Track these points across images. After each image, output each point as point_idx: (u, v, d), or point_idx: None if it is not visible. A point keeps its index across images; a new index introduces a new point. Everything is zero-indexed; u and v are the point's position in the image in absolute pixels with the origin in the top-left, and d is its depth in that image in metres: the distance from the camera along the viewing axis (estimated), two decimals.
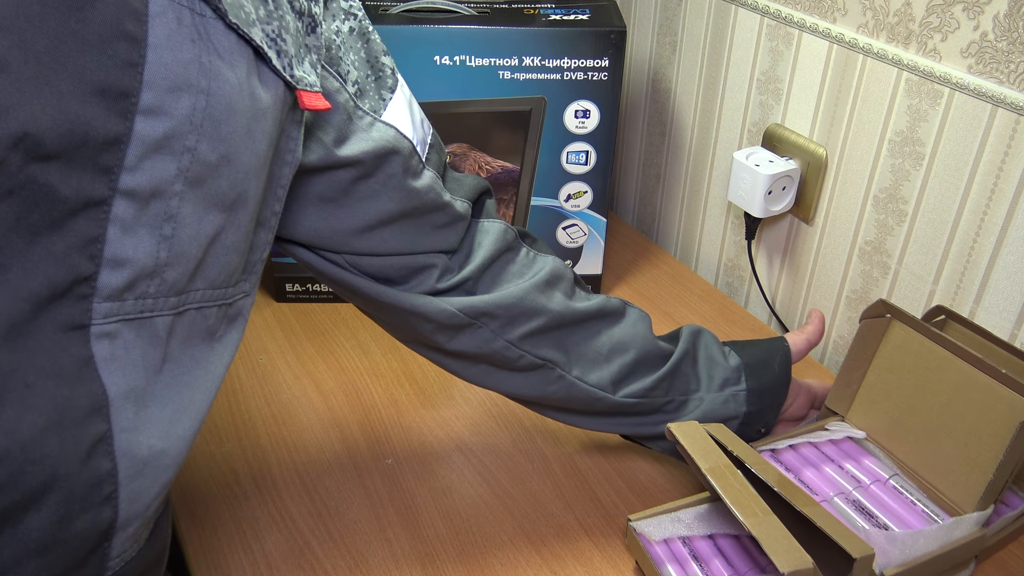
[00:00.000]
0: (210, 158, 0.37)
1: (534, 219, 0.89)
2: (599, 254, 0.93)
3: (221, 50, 0.37)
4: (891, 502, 0.64)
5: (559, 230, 0.90)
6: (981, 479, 0.60)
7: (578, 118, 0.83)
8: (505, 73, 0.80)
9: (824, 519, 0.53)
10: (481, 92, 0.81)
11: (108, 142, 0.34)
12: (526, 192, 0.88)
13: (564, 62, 0.80)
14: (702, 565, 0.59)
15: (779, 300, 0.94)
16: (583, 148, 0.85)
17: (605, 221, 0.90)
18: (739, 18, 0.88)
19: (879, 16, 0.74)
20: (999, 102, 0.66)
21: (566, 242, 0.91)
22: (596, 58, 0.80)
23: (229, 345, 0.44)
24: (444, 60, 0.79)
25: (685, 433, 0.60)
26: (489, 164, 0.85)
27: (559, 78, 0.81)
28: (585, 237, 0.91)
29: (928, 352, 0.64)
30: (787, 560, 0.49)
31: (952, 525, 0.59)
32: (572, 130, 0.84)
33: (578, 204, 0.89)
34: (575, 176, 0.87)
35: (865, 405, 0.69)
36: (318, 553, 0.64)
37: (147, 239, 0.36)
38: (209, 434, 0.75)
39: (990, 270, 0.70)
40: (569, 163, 0.86)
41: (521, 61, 0.80)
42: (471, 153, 0.85)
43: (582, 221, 0.90)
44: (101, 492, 0.37)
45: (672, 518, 0.62)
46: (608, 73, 0.81)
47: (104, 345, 0.36)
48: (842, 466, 0.67)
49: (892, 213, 0.78)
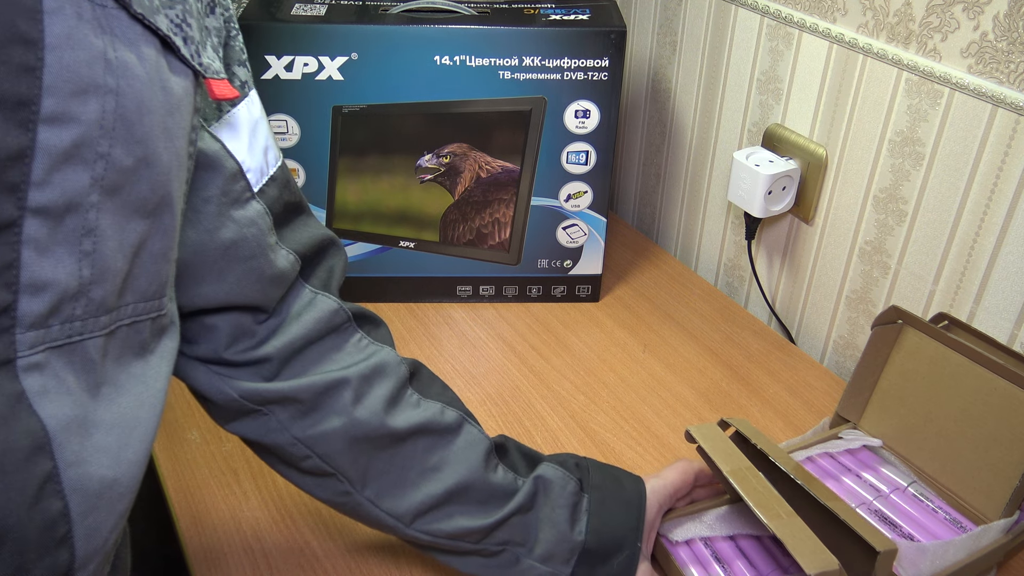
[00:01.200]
0: (126, 162, 0.34)
1: (534, 219, 0.89)
2: (599, 254, 0.92)
3: (127, 43, 0.34)
4: (913, 511, 0.63)
5: (559, 230, 0.90)
6: (1005, 485, 0.60)
7: (578, 118, 0.83)
8: (505, 73, 0.80)
9: (848, 513, 0.53)
10: (481, 92, 0.81)
11: (10, 157, 0.31)
12: (526, 192, 0.87)
13: (564, 62, 0.80)
14: (724, 566, 0.59)
15: (779, 300, 0.94)
16: (583, 148, 0.85)
17: (605, 221, 0.90)
18: (739, 18, 0.88)
19: (879, 16, 0.74)
20: (999, 102, 0.66)
21: (566, 242, 0.91)
22: (596, 58, 0.80)
23: (166, 356, 0.41)
24: (444, 60, 0.79)
25: (705, 436, 0.60)
26: (489, 164, 0.85)
27: (559, 78, 0.81)
28: (585, 237, 0.91)
29: (943, 358, 0.64)
30: (813, 561, 0.49)
31: (980, 533, 0.59)
32: (572, 130, 0.84)
33: (578, 204, 0.89)
34: (575, 176, 0.87)
35: (878, 412, 0.69)
36: (318, 553, 0.64)
37: (66, 258, 0.33)
38: (209, 434, 0.75)
39: (990, 270, 0.70)
40: (569, 163, 0.86)
41: (521, 61, 0.80)
42: (471, 153, 0.85)
43: (582, 221, 0.90)
44: (55, 534, 0.34)
45: (694, 519, 0.62)
46: (608, 73, 0.81)
47: (35, 377, 0.33)
48: (860, 475, 0.67)
49: (892, 213, 0.78)
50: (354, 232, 0.89)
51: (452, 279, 0.93)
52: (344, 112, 0.82)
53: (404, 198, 0.87)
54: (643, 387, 0.82)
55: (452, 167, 0.85)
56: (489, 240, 0.90)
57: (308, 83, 0.80)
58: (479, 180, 0.86)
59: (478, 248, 0.91)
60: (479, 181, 0.86)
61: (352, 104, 0.81)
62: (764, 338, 0.90)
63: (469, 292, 0.93)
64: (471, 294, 0.94)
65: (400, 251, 0.91)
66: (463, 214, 0.88)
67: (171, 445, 0.73)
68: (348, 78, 0.80)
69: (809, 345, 0.92)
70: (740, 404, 0.80)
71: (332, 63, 0.79)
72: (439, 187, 0.87)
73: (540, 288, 0.93)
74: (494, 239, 0.90)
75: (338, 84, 0.80)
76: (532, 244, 0.91)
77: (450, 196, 0.87)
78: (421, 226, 0.89)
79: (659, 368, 0.85)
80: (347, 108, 0.82)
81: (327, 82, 0.80)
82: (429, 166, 0.85)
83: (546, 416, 0.78)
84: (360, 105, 0.81)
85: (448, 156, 0.85)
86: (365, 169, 0.85)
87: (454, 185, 0.87)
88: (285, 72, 0.79)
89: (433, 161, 0.85)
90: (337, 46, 0.78)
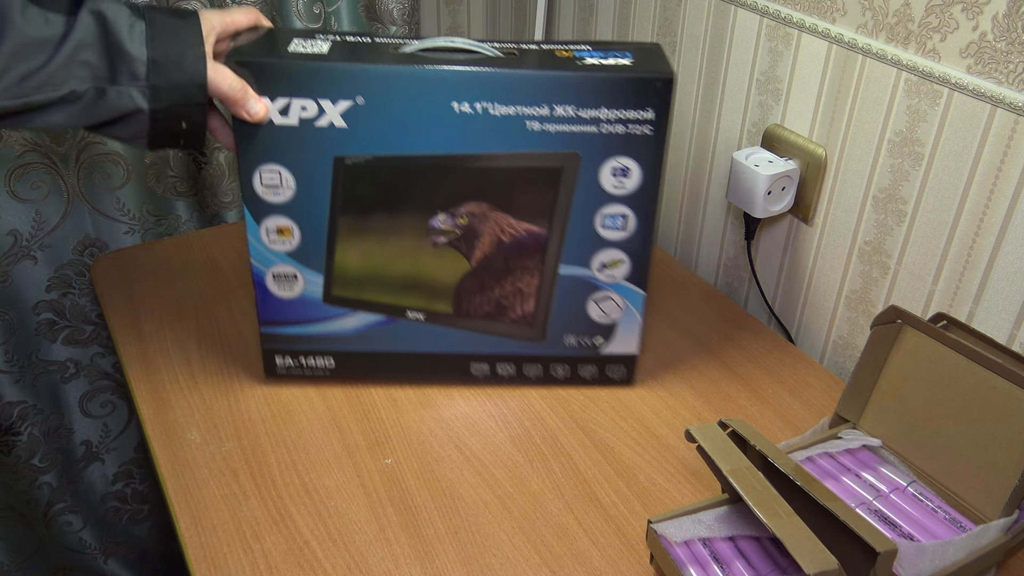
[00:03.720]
0: None
1: (562, 290, 0.77)
2: (635, 333, 0.79)
3: None
4: (912, 511, 0.64)
5: (590, 302, 0.77)
6: (1004, 485, 0.60)
7: (616, 177, 0.72)
8: (533, 123, 0.69)
9: (847, 513, 0.53)
10: (505, 145, 0.70)
11: None
12: (553, 259, 0.75)
13: (601, 112, 0.69)
14: (723, 567, 0.59)
15: (778, 300, 0.95)
16: (621, 211, 0.73)
17: (644, 295, 0.77)
18: (738, 18, 0.88)
19: (878, 16, 0.74)
20: (998, 102, 0.66)
21: (598, 316, 0.78)
22: (638, 109, 0.69)
23: None
24: (463, 107, 0.68)
25: (705, 436, 0.60)
26: (512, 227, 0.74)
27: (595, 131, 0.70)
28: (620, 313, 0.78)
29: (942, 357, 0.64)
30: (812, 561, 0.49)
31: (979, 533, 0.59)
32: (609, 190, 0.72)
33: (613, 275, 0.76)
34: (610, 243, 0.75)
35: (878, 412, 0.69)
36: (318, 553, 0.64)
37: None
38: (209, 434, 0.75)
39: (989, 270, 0.70)
40: (604, 228, 0.74)
41: (552, 110, 0.69)
42: (492, 214, 0.73)
43: (617, 294, 0.77)
44: None
45: (693, 519, 0.62)
46: (652, 127, 0.69)
47: None
48: (860, 475, 0.67)
49: (891, 213, 0.78)
50: (356, 300, 0.77)
51: (466, 356, 0.80)
52: (347, 164, 0.71)
53: (414, 263, 0.75)
54: (643, 387, 0.82)
55: (470, 229, 0.74)
56: (510, 313, 0.78)
57: (306, 130, 0.69)
58: (500, 245, 0.75)
59: (497, 322, 0.78)
60: (500, 246, 0.75)
61: (356, 155, 0.70)
62: (763, 338, 0.90)
63: (486, 371, 0.81)
64: (488, 373, 0.81)
65: (408, 323, 0.78)
66: (481, 283, 0.76)
67: (171, 445, 0.73)
68: (352, 125, 0.69)
69: (808, 345, 0.92)
70: (739, 404, 0.80)
71: (334, 108, 0.68)
72: (454, 252, 0.75)
73: (567, 368, 0.81)
74: (516, 312, 0.78)
75: (340, 132, 0.69)
76: (559, 318, 0.78)
77: (466, 262, 0.75)
78: (433, 295, 0.77)
79: (659, 368, 0.85)
80: (350, 159, 0.70)
81: (328, 129, 0.69)
82: (443, 228, 0.74)
83: (545, 416, 0.78)
84: (365, 156, 0.70)
85: (465, 217, 0.73)
86: (370, 229, 0.74)
87: (471, 250, 0.75)
88: (280, 117, 0.68)
89: (448, 222, 0.73)
90: (340, 88, 0.67)
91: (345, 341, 0.78)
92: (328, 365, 0.80)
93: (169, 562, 1.35)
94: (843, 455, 0.69)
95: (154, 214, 1.11)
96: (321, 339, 0.78)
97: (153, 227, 1.11)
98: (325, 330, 0.78)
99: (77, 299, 1.10)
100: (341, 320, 0.77)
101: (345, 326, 0.78)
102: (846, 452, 0.69)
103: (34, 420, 1.12)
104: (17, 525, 1.16)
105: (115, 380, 1.18)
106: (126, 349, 0.86)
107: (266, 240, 0.73)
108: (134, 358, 0.84)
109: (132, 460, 1.24)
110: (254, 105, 0.66)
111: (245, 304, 0.93)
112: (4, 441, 1.10)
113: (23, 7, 0.57)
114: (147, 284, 0.97)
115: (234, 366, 0.83)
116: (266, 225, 0.72)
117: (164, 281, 0.97)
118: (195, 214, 1.15)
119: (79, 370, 1.14)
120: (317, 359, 0.80)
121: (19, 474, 1.13)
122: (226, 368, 0.83)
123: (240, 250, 1.04)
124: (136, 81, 0.60)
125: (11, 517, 1.15)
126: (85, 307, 1.11)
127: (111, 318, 0.91)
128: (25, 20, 0.57)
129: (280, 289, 0.75)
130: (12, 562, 1.18)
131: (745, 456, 0.58)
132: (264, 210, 0.72)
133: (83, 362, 1.14)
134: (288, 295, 0.76)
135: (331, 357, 0.79)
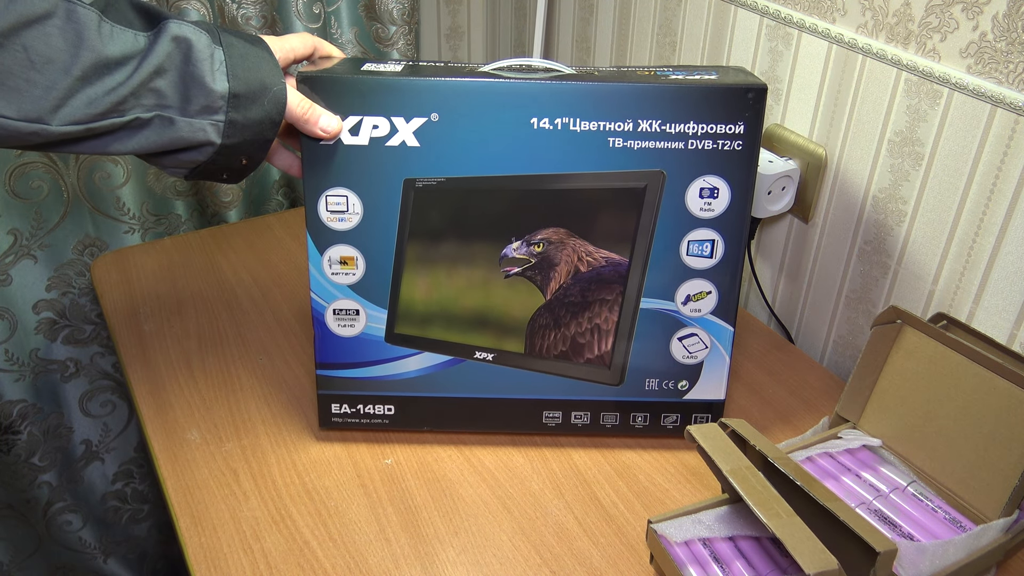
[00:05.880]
0: None
1: (643, 325, 0.70)
2: (723, 375, 0.72)
3: None
4: (912, 510, 0.64)
5: (674, 341, 0.71)
6: (1004, 484, 0.60)
7: (704, 198, 0.66)
8: (616, 140, 0.64)
9: (847, 513, 0.53)
10: (586, 164, 0.65)
11: None
12: (635, 291, 0.69)
13: (689, 127, 0.64)
14: (723, 567, 0.59)
15: (778, 300, 0.95)
16: (708, 236, 0.68)
17: (732, 331, 0.71)
18: (738, 18, 0.88)
19: (878, 16, 0.74)
20: (998, 102, 0.66)
21: (682, 356, 0.71)
22: (729, 123, 0.64)
23: None
24: (543, 123, 0.64)
25: (705, 435, 0.60)
26: (591, 255, 0.68)
27: (682, 147, 0.65)
28: (706, 351, 0.71)
29: (942, 357, 0.64)
30: (812, 561, 0.49)
31: (979, 533, 0.59)
32: (696, 213, 0.67)
33: (699, 308, 0.70)
34: (697, 272, 0.69)
35: (878, 412, 0.69)
36: (318, 553, 0.64)
37: None
38: (209, 434, 0.75)
39: (989, 270, 0.71)
40: (690, 255, 0.68)
41: (636, 126, 0.64)
42: (569, 240, 0.68)
43: (703, 330, 0.71)
44: None
45: (693, 519, 0.62)
46: (743, 142, 0.64)
47: None
48: (860, 475, 0.67)
49: (891, 213, 0.78)
50: (420, 339, 0.71)
51: (538, 402, 0.73)
52: (418, 187, 0.66)
53: (484, 296, 0.69)
54: None
55: (546, 258, 0.68)
56: (587, 352, 0.71)
57: (377, 150, 0.65)
58: (578, 275, 0.69)
59: (572, 363, 0.71)
60: (578, 276, 0.69)
61: (428, 176, 0.66)
62: (763, 338, 0.90)
63: (558, 420, 0.74)
64: (560, 422, 0.74)
65: (475, 364, 0.71)
66: (556, 318, 0.70)
67: (171, 445, 0.73)
68: (425, 144, 0.65)
69: (808, 345, 0.92)
70: (740, 404, 0.80)
71: (407, 125, 0.64)
72: (527, 283, 0.69)
73: (647, 416, 0.74)
74: (592, 351, 0.71)
75: (412, 152, 0.65)
76: (639, 359, 0.71)
77: (541, 295, 0.69)
78: (503, 333, 0.71)
79: None
80: (421, 182, 0.66)
81: (399, 149, 0.65)
82: (518, 256, 0.68)
83: None
84: (438, 178, 0.66)
85: (541, 244, 0.68)
86: (439, 259, 0.68)
87: (546, 281, 0.69)
88: (350, 136, 0.64)
89: (523, 250, 0.68)
90: (415, 105, 0.64)
91: (406, 386, 0.72)
92: (387, 412, 0.74)
93: (169, 562, 1.35)
94: (843, 455, 0.69)
95: (154, 214, 1.11)
96: (381, 383, 0.72)
97: (153, 227, 1.12)
98: (385, 373, 0.72)
99: (77, 299, 1.10)
100: (403, 362, 0.72)
101: (407, 368, 0.72)
102: (846, 452, 0.69)
103: (34, 419, 1.12)
104: (17, 524, 1.16)
105: (115, 380, 1.18)
106: (126, 349, 0.86)
107: (328, 272, 0.68)
108: (134, 358, 0.84)
109: (132, 460, 1.24)
110: (328, 120, 0.63)
111: (245, 304, 0.93)
112: (4, 440, 1.10)
113: (99, 23, 0.53)
114: (147, 284, 0.97)
115: (234, 366, 0.83)
116: (329, 255, 0.68)
117: (164, 281, 0.97)
118: (195, 214, 1.15)
119: (79, 369, 1.14)
120: (376, 407, 0.73)
121: (19, 473, 1.13)
122: (227, 369, 0.83)
123: (240, 250, 1.04)
124: (211, 114, 0.57)
125: (11, 516, 1.15)
126: (85, 307, 1.11)
127: (111, 318, 0.91)
128: (101, 38, 0.53)
129: (340, 327, 0.70)
130: (12, 561, 1.18)
131: (745, 456, 0.58)
132: (329, 238, 0.68)
133: (83, 361, 1.14)
134: (349, 333, 0.70)
135: (391, 404, 0.73)
